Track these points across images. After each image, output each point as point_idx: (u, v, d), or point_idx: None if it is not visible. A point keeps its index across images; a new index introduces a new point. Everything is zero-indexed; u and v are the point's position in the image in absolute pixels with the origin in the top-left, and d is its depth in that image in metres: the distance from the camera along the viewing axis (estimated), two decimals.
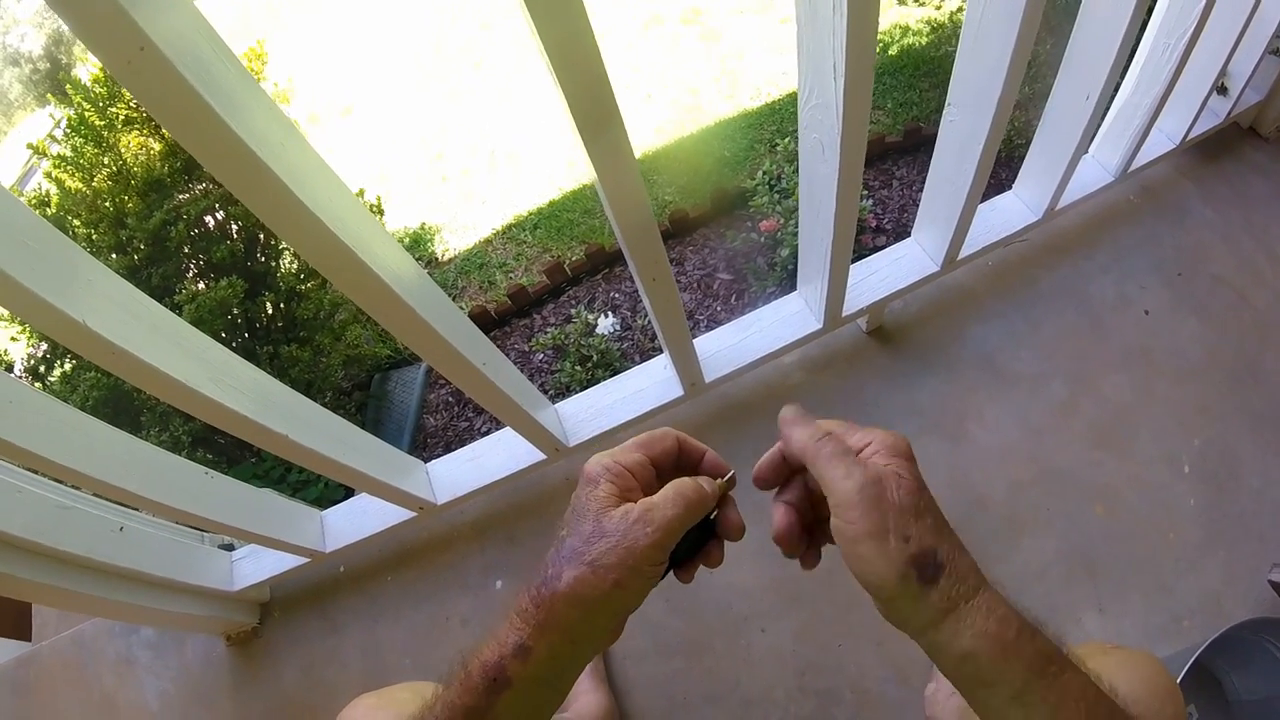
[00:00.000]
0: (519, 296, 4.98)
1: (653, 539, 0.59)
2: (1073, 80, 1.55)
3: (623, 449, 0.66)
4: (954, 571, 0.58)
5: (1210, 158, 2.18)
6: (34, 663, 1.98)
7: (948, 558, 0.58)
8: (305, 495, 3.90)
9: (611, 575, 0.58)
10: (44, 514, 1.33)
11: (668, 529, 0.60)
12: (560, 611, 0.58)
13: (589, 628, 0.60)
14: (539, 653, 0.59)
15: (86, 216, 3.85)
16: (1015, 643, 0.56)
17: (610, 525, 0.59)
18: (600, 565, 0.58)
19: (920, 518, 0.59)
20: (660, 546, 0.60)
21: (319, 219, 0.86)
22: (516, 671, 0.59)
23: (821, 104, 1.14)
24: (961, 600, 0.58)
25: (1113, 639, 1.59)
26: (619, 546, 0.58)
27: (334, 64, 8.93)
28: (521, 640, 0.59)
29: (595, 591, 0.58)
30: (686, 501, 0.62)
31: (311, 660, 1.82)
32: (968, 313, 1.97)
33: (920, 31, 6.04)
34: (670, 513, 0.61)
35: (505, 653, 0.59)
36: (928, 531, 0.59)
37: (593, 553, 0.58)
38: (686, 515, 0.62)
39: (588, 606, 0.58)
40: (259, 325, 4.21)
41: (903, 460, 0.62)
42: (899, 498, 0.59)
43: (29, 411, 1.07)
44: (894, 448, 0.63)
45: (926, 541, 0.58)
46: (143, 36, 0.63)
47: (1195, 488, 1.73)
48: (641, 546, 0.58)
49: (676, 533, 0.61)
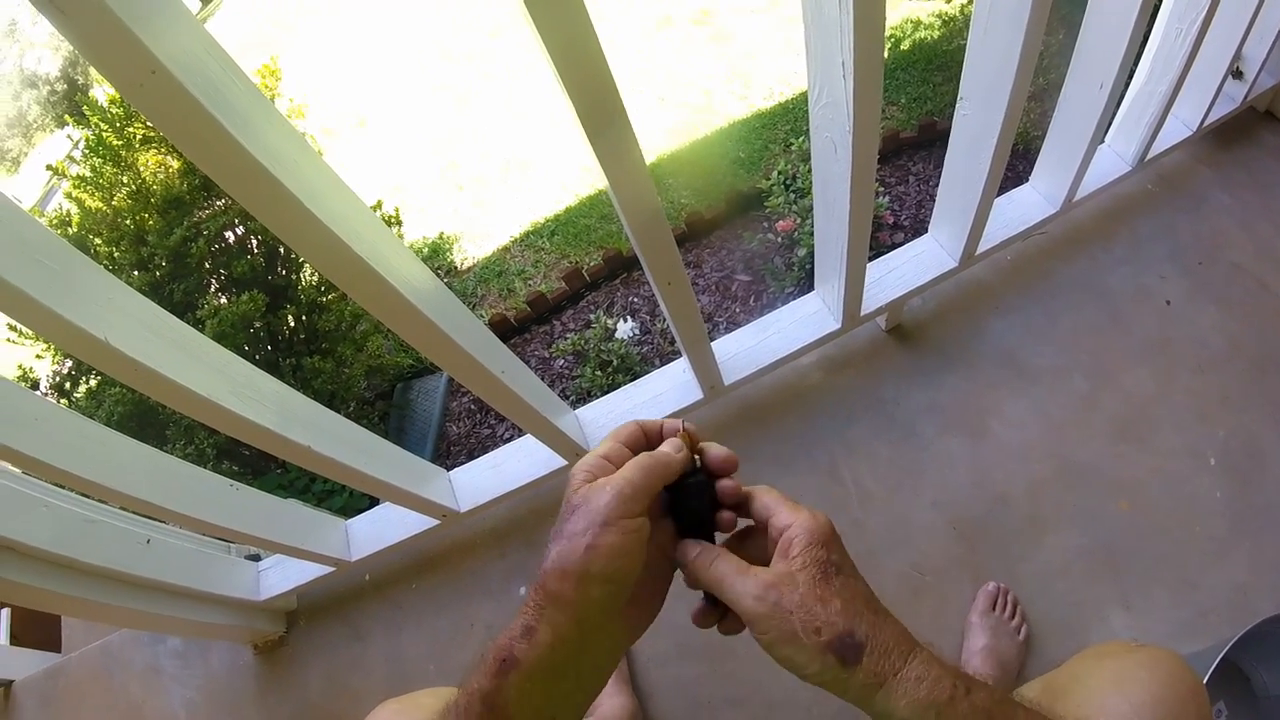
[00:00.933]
0: (538, 303, 4.99)
1: (610, 495, 0.62)
2: (1086, 70, 1.55)
3: (599, 445, 0.70)
4: (876, 647, 0.60)
5: (1227, 144, 2.16)
6: (63, 674, 2.00)
7: (868, 635, 0.60)
8: (330, 505, 3.91)
9: (584, 539, 0.61)
10: (71, 528, 1.35)
11: (624, 483, 0.64)
12: (553, 589, 0.61)
13: (583, 599, 0.61)
14: (542, 633, 0.61)
15: (108, 235, 3.88)
16: (950, 703, 0.58)
17: (578, 499, 0.63)
18: (573, 533, 0.62)
19: (827, 605, 0.61)
20: (621, 501, 0.63)
21: (334, 234, 0.87)
22: (523, 652, 0.61)
23: (832, 103, 1.14)
24: (890, 673, 0.60)
25: (1139, 635, 1.58)
26: (583, 511, 0.62)
27: (346, 77, 8.98)
28: (526, 621, 0.61)
29: (573, 557, 0.61)
30: (639, 462, 0.66)
31: (336, 668, 1.83)
32: (986, 308, 1.96)
33: (932, 25, 6.01)
34: (625, 473, 0.65)
35: (513, 634, 0.61)
36: (838, 616, 0.60)
37: (566, 527, 0.62)
38: (643, 473, 0.65)
39: (573, 575, 0.61)
40: (281, 338, 4.23)
41: (815, 549, 0.63)
42: (800, 595, 0.61)
43: (55, 428, 1.09)
44: (809, 532, 0.64)
45: (839, 627, 0.60)
46: (153, 60, 0.64)
47: (1220, 480, 1.71)
48: (602, 504, 0.62)
49: (637, 486, 0.64)
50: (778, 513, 0.67)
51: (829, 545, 0.64)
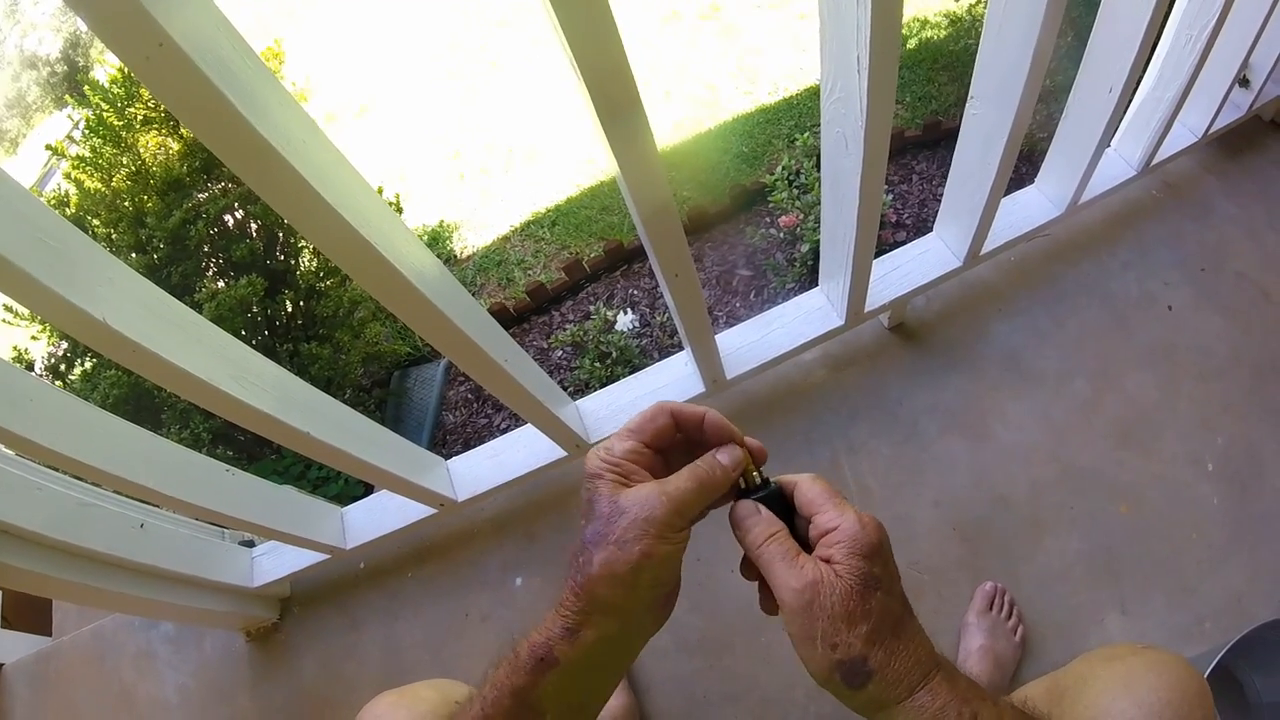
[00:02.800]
0: (538, 294, 4.98)
1: (668, 507, 0.62)
2: (1095, 73, 1.54)
3: (617, 438, 0.69)
4: (885, 677, 0.60)
5: (1233, 151, 2.15)
6: (54, 657, 1.99)
7: (880, 664, 0.60)
8: (325, 492, 3.91)
9: (637, 546, 0.61)
10: (65, 511, 1.34)
11: (681, 499, 0.63)
12: (601, 593, 0.61)
13: (632, 604, 0.62)
14: (585, 635, 0.61)
15: (106, 216, 3.86)
16: None
17: (626, 503, 0.63)
18: (624, 540, 0.61)
19: (853, 625, 0.60)
20: (677, 513, 0.63)
21: (342, 216, 0.86)
22: (564, 653, 0.61)
23: (845, 97, 1.13)
24: (893, 701, 0.60)
25: (1135, 639, 1.58)
26: (638, 519, 0.61)
27: (350, 63, 8.95)
28: (568, 624, 0.62)
29: (625, 566, 0.61)
30: (697, 475, 0.66)
31: (331, 656, 1.82)
32: (991, 309, 1.96)
33: (939, 25, 6.00)
34: (683, 485, 0.64)
35: (553, 635, 0.62)
36: (859, 639, 0.60)
37: (615, 531, 0.61)
38: (699, 489, 0.65)
39: (624, 582, 0.61)
40: (279, 323, 4.22)
41: (857, 559, 0.62)
42: (831, 604, 0.60)
43: (49, 409, 1.08)
44: (854, 540, 0.63)
45: (855, 650, 0.60)
46: (161, 32, 0.63)
47: (1219, 487, 1.71)
48: (659, 515, 0.62)
49: (692, 504, 0.64)
50: (824, 510, 0.65)
51: (872, 557, 0.62)
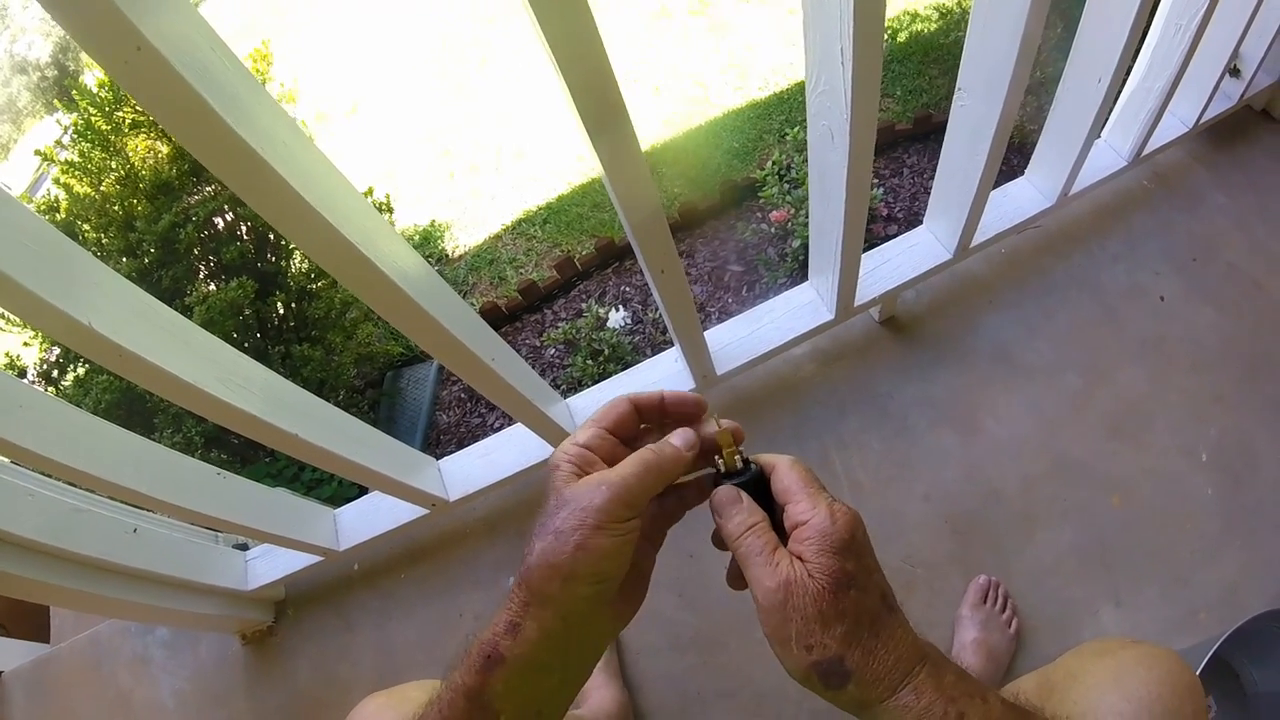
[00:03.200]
0: (530, 292, 4.97)
1: (608, 495, 0.60)
2: (1084, 64, 1.54)
3: (579, 429, 0.67)
4: (864, 677, 0.58)
5: (1223, 142, 2.16)
6: (52, 664, 1.99)
7: (857, 665, 0.58)
8: (318, 494, 3.90)
9: (573, 538, 0.59)
10: (58, 517, 1.33)
11: (624, 486, 0.61)
12: (537, 585, 0.59)
13: (570, 598, 0.60)
14: (528, 629, 0.59)
15: (96, 221, 3.85)
16: None
17: (569, 494, 0.61)
18: (561, 530, 0.59)
19: (828, 626, 0.58)
20: (621, 503, 0.60)
21: (325, 218, 0.86)
22: (508, 648, 0.59)
23: (830, 90, 1.13)
24: (875, 702, 0.58)
25: (1129, 632, 1.58)
26: (576, 509, 0.59)
27: (340, 62, 8.93)
28: (510, 618, 0.60)
29: (560, 556, 0.59)
30: (643, 460, 0.63)
31: (325, 658, 1.82)
32: (981, 302, 1.96)
33: (929, 18, 5.99)
34: (626, 471, 0.62)
35: (497, 630, 0.60)
36: (834, 640, 0.58)
37: (554, 522, 0.60)
38: (645, 473, 0.62)
39: (560, 574, 0.59)
40: (270, 325, 4.21)
41: (828, 556, 0.60)
42: (804, 604, 0.58)
43: (42, 415, 1.07)
44: (824, 536, 0.60)
45: (831, 651, 0.58)
46: (139, 36, 0.62)
47: (1212, 478, 1.72)
48: (596, 504, 0.59)
49: (637, 491, 0.61)
50: (798, 501, 0.63)
51: (844, 552, 0.60)
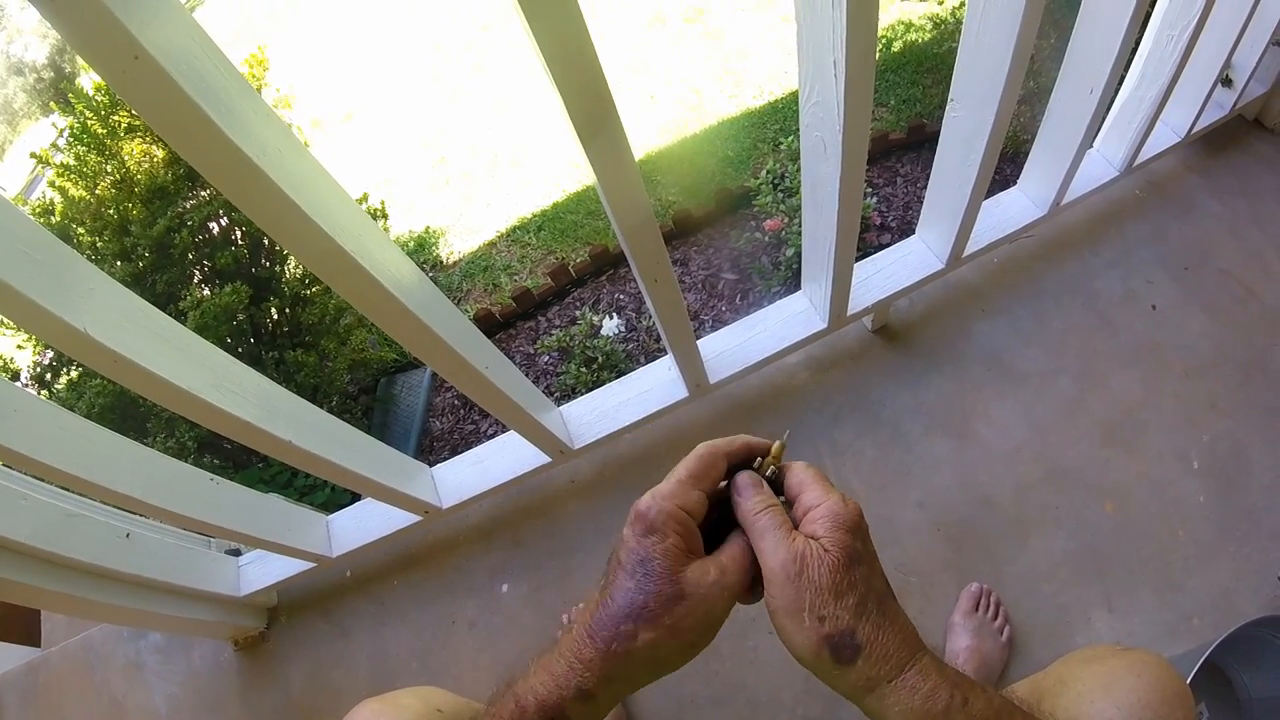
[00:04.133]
0: (524, 299, 4.97)
1: (727, 604, 0.62)
2: (1076, 74, 1.55)
3: (681, 488, 0.65)
4: (874, 652, 0.59)
5: (1216, 150, 2.17)
6: (43, 668, 1.98)
7: (868, 638, 0.59)
8: (312, 500, 3.89)
9: (689, 637, 0.60)
10: (50, 521, 1.33)
11: (739, 591, 0.63)
12: (634, 666, 0.60)
13: (653, 678, 0.62)
14: (601, 699, 0.60)
15: (91, 224, 3.84)
16: (945, 714, 0.58)
17: (689, 588, 0.61)
18: (680, 629, 0.60)
19: (840, 597, 0.59)
20: (731, 607, 0.63)
21: (318, 225, 0.86)
22: (576, 712, 0.60)
23: (822, 102, 1.13)
24: (883, 680, 0.59)
25: (1123, 638, 1.59)
26: (698, 612, 0.60)
27: (336, 68, 8.93)
28: (585, 686, 0.60)
29: (671, 652, 0.60)
30: (747, 568, 0.64)
31: (319, 664, 1.82)
32: (974, 310, 1.96)
33: (923, 28, 6.02)
34: (742, 578, 0.64)
35: (566, 695, 0.60)
36: (847, 612, 0.59)
37: (673, 617, 0.60)
38: (751, 572, 0.64)
39: (661, 665, 0.61)
40: (264, 330, 4.20)
41: (841, 533, 0.61)
42: (818, 576, 0.59)
43: (34, 419, 1.07)
44: (837, 515, 0.62)
45: (843, 623, 0.59)
46: (136, 45, 0.63)
47: (1205, 484, 1.72)
48: (718, 612, 0.61)
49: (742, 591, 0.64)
50: (809, 490, 0.65)
51: (855, 532, 0.62)
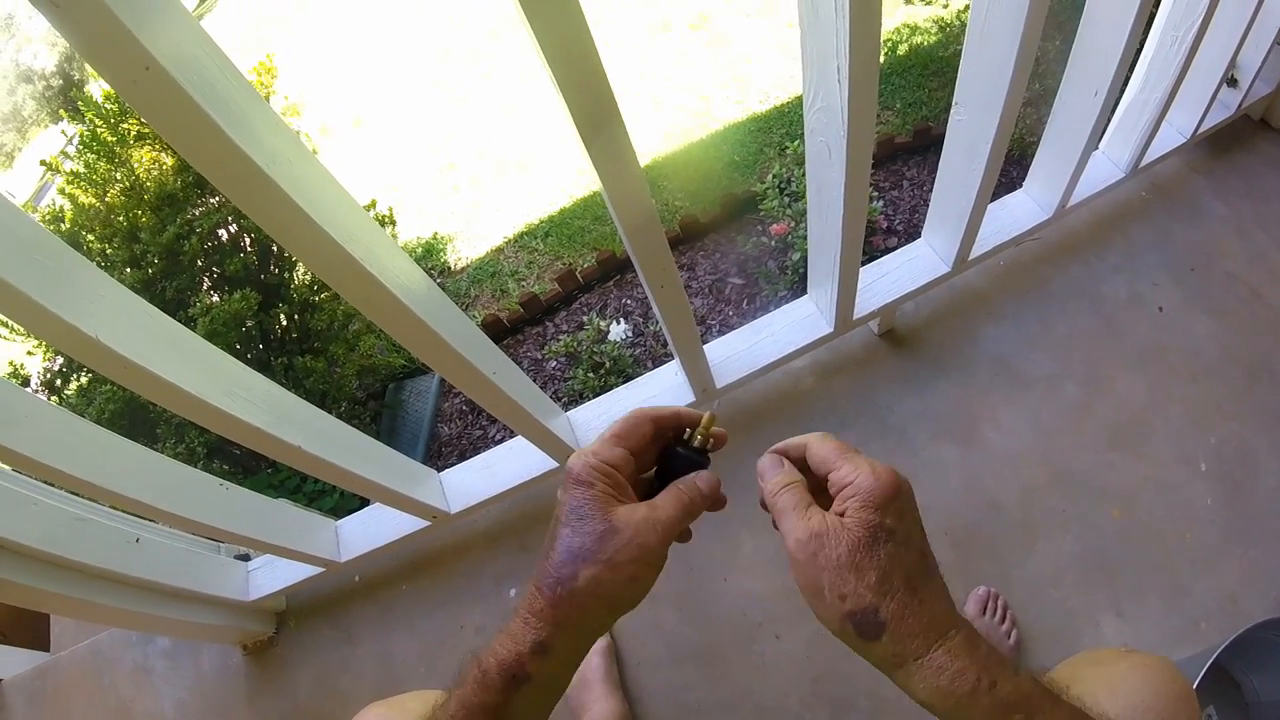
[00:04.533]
0: (531, 304, 4.97)
1: (660, 537, 0.63)
2: (1080, 76, 1.55)
3: (604, 444, 0.67)
4: (899, 629, 0.58)
5: (1221, 151, 2.16)
6: (52, 672, 1.99)
7: (892, 616, 0.58)
8: (320, 505, 3.90)
9: (629, 570, 0.61)
10: (60, 526, 1.34)
11: (671, 527, 0.64)
12: (579, 608, 0.61)
13: (606, 621, 0.63)
14: (559, 649, 0.61)
15: (100, 231, 3.86)
16: (971, 696, 0.57)
17: (620, 523, 0.62)
18: (617, 562, 0.61)
19: (861, 575, 0.58)
20: (666, 543, 0.64)
21: (327, 233, 0.87)
22: (536, 668, 0.61)
23: (827, 107, 1.14)
24: (910, 657, 0.58)
25: (1130, 642, 1.58)
26: (633, 543, 0.61)
27: (344, 75, 8.95)
28: (539, 638, 0.61)
29: (614, 587, 0.61)
30: (682, 502, 0.66)
31: (326, 669, 1.82)
32: (980, 314, 1.96)
33: (928, 31, 6.01)
34: (672, 512, 0.65)
35: (523, 650, 0.61)
36: (868, 590, 0.58)
37: (608, 550, 0.61)
38: (684, 516, 0.66)
39: (607, 602, 0.62)
40: (273, 337, 4.22)
41: (866, 511, 0.60)
42: (836, 555, 0.59)
43: (45, 425, 1.08)
44: (867, 493, 0.61)
45: (865, 601, 0.58)
46: (147, 56, 0.63)
47: (1212, 487, 1.72)
48: (653, 543, 0.62)
49: (677, 530, 0.65)
50: (839, 467, 0.64)
51: (885, 508, 0.60)
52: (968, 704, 0.57)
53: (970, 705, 0.57)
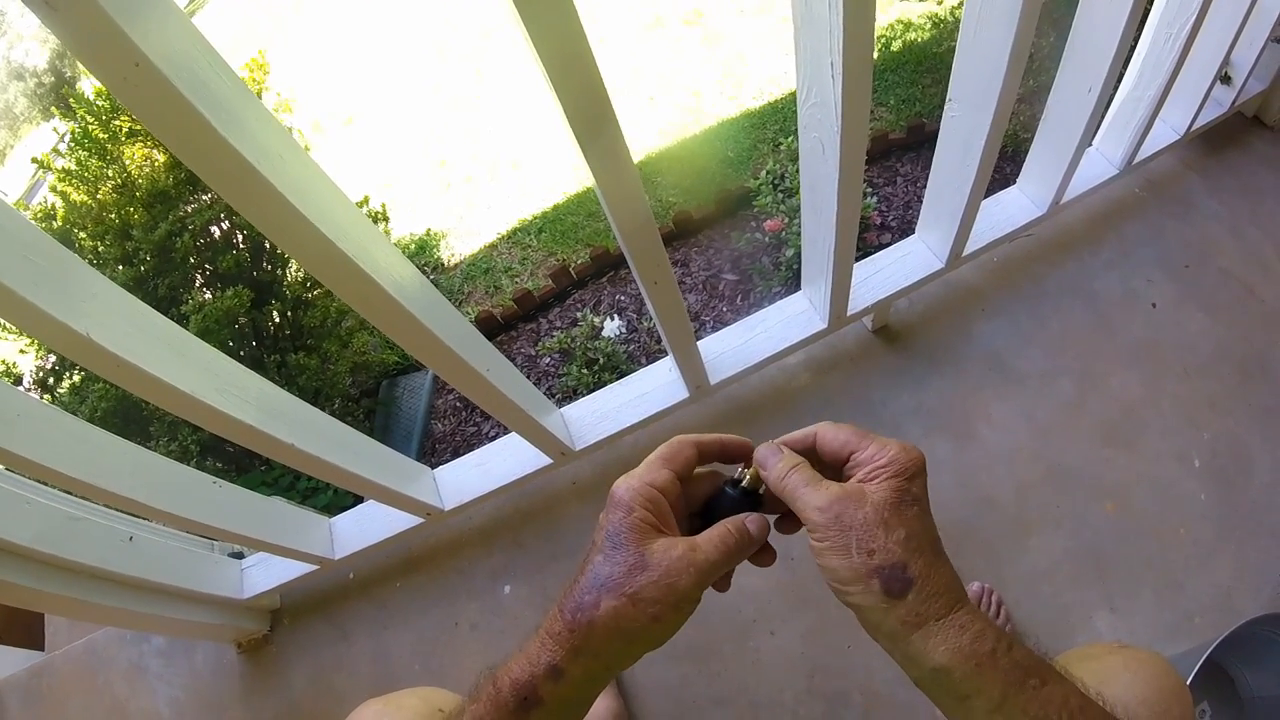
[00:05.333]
0: (525, 301, 4.98)
1: (694, 579, 0.60)
2: (1075, 73, 1.55)
3: (649, 468, 0.66)
4: (925, 587, 0.58)
5: (1215, 148, 2.17)
6: (47, 672, 1.98)
7: (920, 573, 0.58)
8: (314, 502, 3.89)
9: (651, 610, 0.59)
10: (54, 525, 1.34)
11: (709, 571, 0.61)
12: (597, 639, 0.59)
13: (624, 655, 0.61)
14: (572, 675, 0.60)
15: (92, 229, 3.85)
16: (991, 656, 0.56)
17: (653, 559, 0.60)
18: (641, 599, 0.59)
19: (890, 531, 0.59)
20: (701, 584, 0.61)
21: (319, 230, 0.86)
22: (549, 691, 0.60)
23: (820, 103, 1.14)
24: (932, 618, 0.58)
25: (1124, 637, 1.59)
26: (661, 582, 0.59)
27: (337, 72, 8.94)
28: (554, 661, 0.60)
29: (634, 624, 0.59)
30: (727, 546, 0.63)
31: (321, 667, 1.82)
32: (974, 310, 1.96)
33: (922, 27, 6.02)
34: (714, 556, 0.62)
35: (537, 673, 0.60)
36: (897, 545, 0.58)
37: (634, 585, 0.59)
38: (727, 559, 0.63)
39: (626, 637, 0.59)
40: (266, 334, 4.21)
41: (894, 479, 0.61)
42: (864, 514, 0.59)
43: (37, 423, 1.08)
44: (901, 464, 0.62)
45: (894, 556, 0.58)
46: (137, 53, 0.63)
47: (1205, 483, 1.72)
48: (683, 586, 0.60)
49: (717, 573, 0.62)
50: (864, 447, 0.64)
51: (914, 478, 0.62)
52: (988, 664, 0.56)
53: (991, 666, 0.56)
